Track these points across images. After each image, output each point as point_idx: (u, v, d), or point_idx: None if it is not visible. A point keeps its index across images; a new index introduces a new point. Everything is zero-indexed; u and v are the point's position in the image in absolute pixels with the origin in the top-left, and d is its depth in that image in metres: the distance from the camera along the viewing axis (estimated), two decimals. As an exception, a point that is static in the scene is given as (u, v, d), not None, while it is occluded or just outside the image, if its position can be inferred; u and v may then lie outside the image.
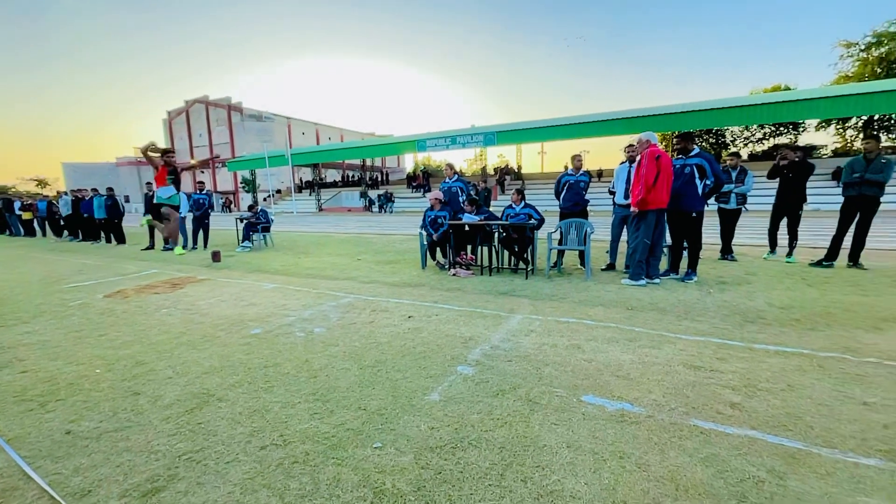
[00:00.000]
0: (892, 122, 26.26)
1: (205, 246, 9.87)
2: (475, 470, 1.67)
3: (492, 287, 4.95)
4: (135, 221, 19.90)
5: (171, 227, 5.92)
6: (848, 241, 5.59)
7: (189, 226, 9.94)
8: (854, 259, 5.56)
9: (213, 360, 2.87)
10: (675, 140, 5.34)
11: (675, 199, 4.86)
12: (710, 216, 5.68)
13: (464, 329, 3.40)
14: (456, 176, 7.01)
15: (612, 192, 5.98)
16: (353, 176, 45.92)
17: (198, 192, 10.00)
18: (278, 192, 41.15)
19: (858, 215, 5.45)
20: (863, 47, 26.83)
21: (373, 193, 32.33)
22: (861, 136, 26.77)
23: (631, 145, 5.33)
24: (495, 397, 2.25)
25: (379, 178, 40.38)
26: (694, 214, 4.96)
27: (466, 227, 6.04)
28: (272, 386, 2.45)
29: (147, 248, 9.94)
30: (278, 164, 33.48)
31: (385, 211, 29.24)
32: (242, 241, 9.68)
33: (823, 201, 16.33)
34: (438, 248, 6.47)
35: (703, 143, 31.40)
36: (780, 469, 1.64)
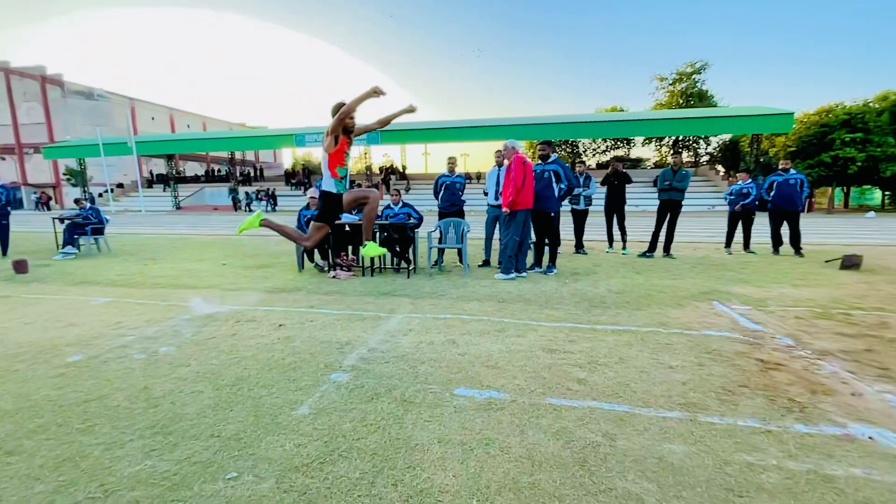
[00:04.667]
0: (691, 141, 33.66)
1: (3, 253, 7.69)
2: (344, 483, 1.59)
3: (373, 288, 4.87)
4: None
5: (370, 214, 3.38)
6: (663, 236, 6.97)
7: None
8: (667, 250, 6.95)
9: (4, 402, 2.22)
10: (539, 146, 5.99)
11: (537, 200, 5.42)
12: (565, 216, 6.50)
13: (340, 334, 3.26)
14: (335, 174, 6.70)
15: (486, 194, 6.41)
16: (219, 170, 40.79)
17: (-11, 184, 7.71)
18: (120, 186, 34.30)
19: (669, 215, 6.83)
20: (671, 81, 33.83)
21: (249, 190, 29.08)
22: (671, 152, 33.70)
23: (499, 151, 5.77)
24: (370, 402, 2.20)
25: (252, 174, 36.57)
26: (552, 214, 5.61)
27: (347, 228, 5.84)
28: (93, 425, 2.00)
29: None
30: (119, 152, 27.94)
31: (262, 209, 26.68)
32: (64, 247, 7.79)
33: (648, 204, 20.09)
34: (317, 250, 6.12)
35: (562, 152, 35.90)
36: (612, 432, 1.93)
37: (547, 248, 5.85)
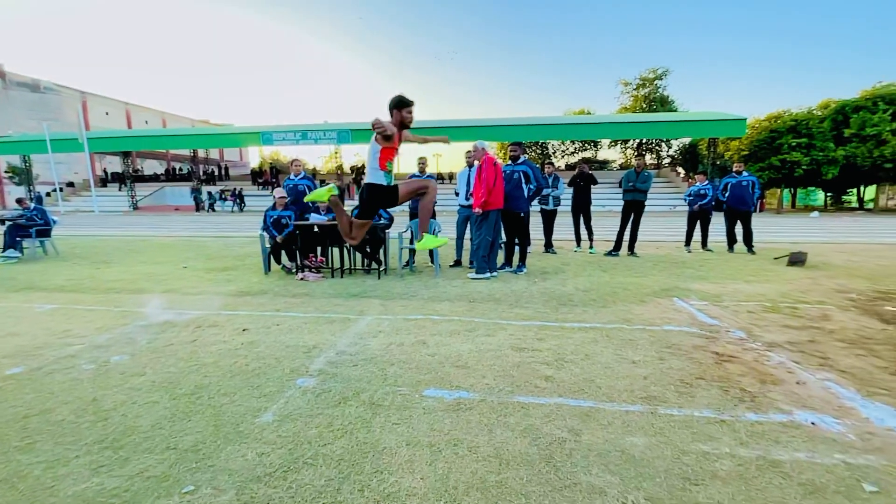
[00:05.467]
0: (654, 144, 35.03)
1: (-67, 258, 7.05)
2: (308, 491, 1.55)
3: (342, 289, 4.79)
4: None
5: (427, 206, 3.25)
6: (628, 235, 7.21)
7: None
8: (631, 249, 7.20)
9: (-70, 422, 2.03)
10: (510, 147, 6.07)
11: (506, 200, 5.49)
12: (535, 216, 6.61)
13: (308, 337, 3.18)
14: (303, 173, 6.56)
15: (457, 194, 6.43)
16: (180, 169, 39.02)
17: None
18: (70, 185, 32.18)
19: (633, 215, 7.08)
20: (635, 87, 35.09)
21: (212, 190, 27.85)
22: (635, 154, 34.97)
23: (469, 152, 5.81)
24: (337, 407, 2.15)
25: (216, 173, 35.16)
26: (522, 214, 5.70)
27: (315, 228, 5.71)
28: (33, 442, 1.86)
29: None
30: (69, 149, 26.27)
31: (221, 209, 25.77)
32: (4, 250, 7.24)
33: (614, 204, 20.75)
34: (284, 252, 5.96)
35: (532, 153, 36.56)
36: (577, 427, 1.98)
37: (517, 248, 5.93)
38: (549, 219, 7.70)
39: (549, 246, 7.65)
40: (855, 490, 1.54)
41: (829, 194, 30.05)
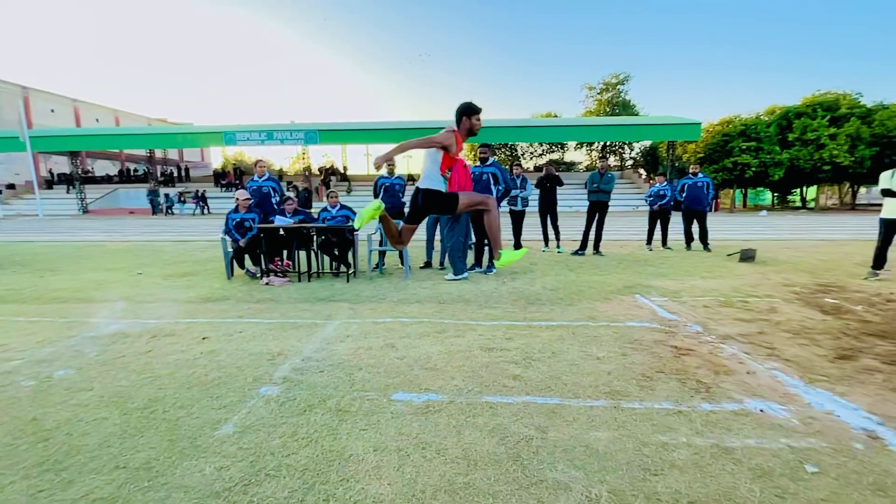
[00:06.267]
0: (617, 147, 36.29)
1: None
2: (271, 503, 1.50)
3: (309, 294, 4.67)
4: None
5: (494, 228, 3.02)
6: (593, 234, 7.43)
7: None
8: (597, 248, 7.42)
9: None
10: (480, 149, 6.13)
11: (476, 202, 5.53)
12: (504, 217, 6.68)
13: (272, 344, 3.08)
14: (267, 174, 6.37)
15: (426, 196, 6.42)
16: (135, 170, 36.95)
17: None
18: (11, 187, 29.80)
19: (597, 215, 7.30)
20: (598, 91, 36.24)
21: (170, 192, 26.49)
22: (600, 156, 36.16)
23: (438, 153, 5.82)
24: (302, 415, 2.09)
25: (175, 174, 33.51)
26: (491, 216, 5.75)
27: (281, 231, 5.54)
28: (-39, 469, 1.70)
29: None
30: (8, 148, 24.38)
31: (177, 211, 24.65)
32: (-70, 259, 6.61)
33: (580, 205, 21.34)
34: (248, 256, 5.75)
35: (502, 155, 37.03)
36: (543, 425, 2.01)
37: (487, 249, 5.98)
38: (517, 219, 7.82)
39: (517, 246, 7.76)
40: (798, 472, 1.65)
41: (775, 194, 32.12)
